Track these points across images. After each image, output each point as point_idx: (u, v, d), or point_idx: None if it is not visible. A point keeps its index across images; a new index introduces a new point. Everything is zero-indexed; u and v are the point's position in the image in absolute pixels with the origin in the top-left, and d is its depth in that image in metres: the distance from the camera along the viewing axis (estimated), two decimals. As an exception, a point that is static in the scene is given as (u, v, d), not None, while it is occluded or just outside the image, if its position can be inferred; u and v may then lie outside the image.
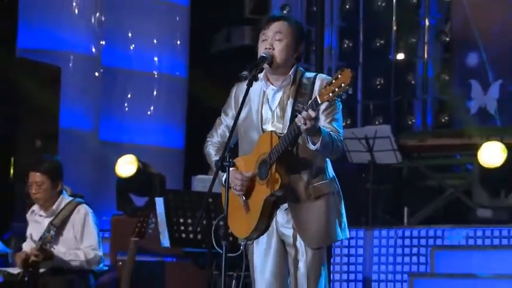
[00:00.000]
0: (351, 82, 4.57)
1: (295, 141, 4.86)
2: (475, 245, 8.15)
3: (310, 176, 4.96)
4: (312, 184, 4.96)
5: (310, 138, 4.68)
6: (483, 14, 10.85)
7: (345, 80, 4.57)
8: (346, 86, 4.57)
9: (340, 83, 4.59)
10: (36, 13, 10.08)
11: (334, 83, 4.63)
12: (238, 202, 5.05)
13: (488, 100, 10.51)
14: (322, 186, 4.98)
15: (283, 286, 5.10)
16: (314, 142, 4.67)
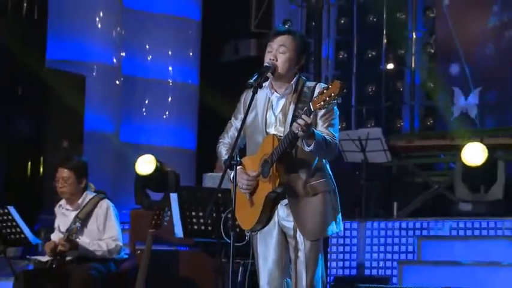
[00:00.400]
0: (340, 92, 4.57)
1: (293, 144, 4.86)
2: (458, 236, 8.15)
3: (308, 175, 4.96)
4: (310, 182, 4.95)
5: (305, 141, 4.70)
6: (464, 28, 10.84)
7: (335, 91, 4.58)
8: (336, 96, 4.58)
9: (331, 93, 4.59)
10: (64, 28, 10.05)
11: (325, 92, 4.64)
12: (244, 197, 5.05)
13: (469, 105, 10.50)
14: (319, 185, 4.98)
15: (284, 273, 5.09)
16: (308, 144, 4.70)
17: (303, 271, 4.98)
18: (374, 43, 11.56)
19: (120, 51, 10.31)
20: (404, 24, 11.41)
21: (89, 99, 9.83)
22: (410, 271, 7.75)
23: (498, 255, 7.72)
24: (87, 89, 9.81)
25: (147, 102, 10.67)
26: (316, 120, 4.91)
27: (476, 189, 8.59)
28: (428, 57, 11.24)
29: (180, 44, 10.81)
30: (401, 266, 7.81)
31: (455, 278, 7.15)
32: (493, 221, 8.10)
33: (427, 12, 11.31)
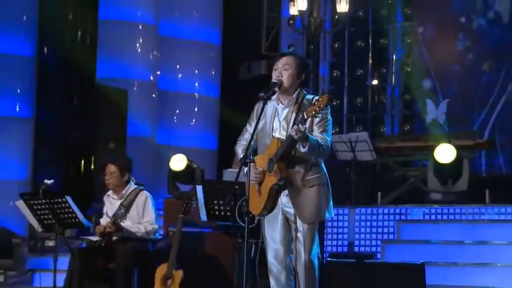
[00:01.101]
0: (328, 103, 4.67)
1: (292, 146, 4.86)
2: (430, 220, 8.14)
3: (305, 170, 4.96)
4: (307, 177, 4.96)
5: (301, 144, 4.73)
6: (435, 51, 10.83)
7: (323, 102, 4.65)
8: (324, 106, 4.66)
9: (320, 104, 4.66)
10: (110, 51, 10.06)
11: (316, 104, 4.70)
12: (254, 188, 5.06)
13: (439, 114, 10.47)
14: (314, 179, 4.98)
15: (287, 250, 5.10)
16: (303, 146, 4.73)
17: (302, 249, 4.99)
18: (362, 64, 11.52)
19: (155, 70, 10.30)
20: (386, 48, 11.37)
21: (131, 109, 9.83)
22: (391, 248, 7.73)
23: (462, 235, 7.68)
24: (129, 101, 9.81)
25: (178, 111, 10.62)
26: (312, 126, 4.93)
27: (445, 182, 8.57)
28: (406, 74, 11.19)
29: (204, 64, 10.78)
30: (384, 245, 7.79)
31: (428, 254, 7.12)
32: (458, 208, 8.08)
33: (405, 38, 11.28)
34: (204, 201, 6.71)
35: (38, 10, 9.34)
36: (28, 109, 9.22)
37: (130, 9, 10.10)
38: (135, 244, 6.73)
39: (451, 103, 10.54)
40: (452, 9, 10.67)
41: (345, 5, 10.86)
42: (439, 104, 10.57)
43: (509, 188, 9.20)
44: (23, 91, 9.18)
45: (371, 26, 11.49)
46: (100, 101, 9.76)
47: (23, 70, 9.18)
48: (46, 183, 7.04)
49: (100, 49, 10.12)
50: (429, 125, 10.44)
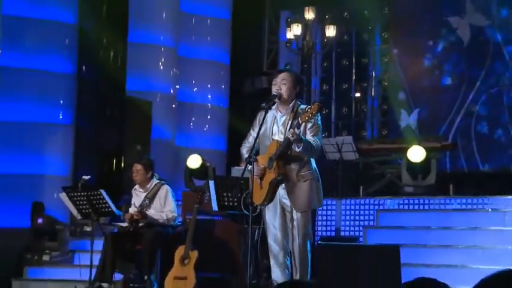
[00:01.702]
0: (318, 110, 4.83)
1: (288, 147, 4.93)
2: (403, 209, 8.11)
3: (299, 167, 5.04)
4: (300, 173, 5.04)
5: (296, 144, 4.81)
6: (407, 68, 10.83)
7: (315, 109, 4.79)
8: (316, 113, 4.82)
9: (312, 111, 4.79)
10: (137, 69, 10.05)
11: (308, 111, 4.82)
12: (257, 183, 5.10)
13: (411, 121, 10.48)
14: (307, 175, 5.06)
15: (284, 235, 5.14)
16: (298, 146, 4.82)
17: (296, 233, 5.06)
18: (346, 79, 11.51)
19: (175, 84, 10.29)
20: (367, 66, 11.39)
21: (154, 117, 9.82)
22: (371, 233, 7.70)
23: (430, 221, 7.69)
24: (153, 110, 9.80)
25: (193, 119, 10.61)
26: (306, 130, 5.00)
27: (416, 178, 8.57)
28: (383, 88, 11.20)
29: (216, 79, 10.78)
30: (365, 230, 7.78)
31: (402, 237, 7.10)
32: (427, 199, 8.07)
33: (382, 58, 11.29)
34: (215, 193, 6.74)
35: (77, 35, 9.35)
36: (69, 117, 9.19)
37: (154, 34, 10.09)
38: (158, 229, 6.76)
39: (421, 112, 10.52)
40: (421, 34, 10.67)
41: (332, 31, 10.93)
42: (411, 113, 10.55)
43: (469, 182, 9.21)
44: (65, 102, 9.16)
45: (354, 48, 11.48)
46: (129, 110, 9.77)
47: (65, 85, 9.17)
48: (84, 178, 7.05)
49: (129, 67, 10.13)
50: (403, 130, 10.42)
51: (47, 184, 8.65)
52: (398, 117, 10.63)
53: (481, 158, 10.01)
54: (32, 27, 8.83)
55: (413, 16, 10.77)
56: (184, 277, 6.48)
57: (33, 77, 8.82)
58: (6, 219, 8.29)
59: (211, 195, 6.76)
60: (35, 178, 8.72)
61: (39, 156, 8.79)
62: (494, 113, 10.00)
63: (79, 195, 6.88)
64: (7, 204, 8.37)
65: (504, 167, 9.84)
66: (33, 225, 8.27)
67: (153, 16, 10.07)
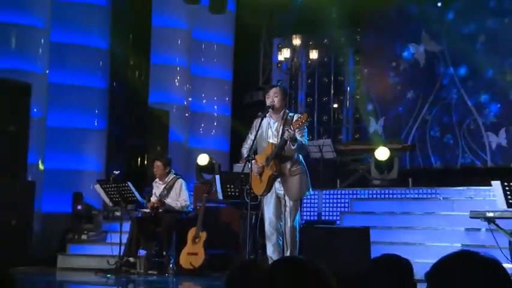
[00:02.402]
0: (307, 119, 4.91)
1: (283, 147, 5.00)
2: (372, 198, 8.11)
3: (291, 165, 5.08)
4: (292, 169, 5.08)
5: (291, 143, 4.87)
6: (375, 84, 10.83)
7: (305, 118, 4.90)
8: (305, 121, 4.90)
9: (303, 119, 4.88)
10: (158, 84, 10.03)
11: (299, 119, 4.90)
12: (256, 177, 5.14)
13: (378, 127, 10.48)
14: (297, 170, 5.10)
15: (278, 219, 5.16)
16: (293, 144, 4.87)
17: (288, 218, 5.10)
18: (326, 93, 11.48)
19: (188, 97, 10.26)
20: (343, 83, 11.37)
21: (171, 124, 9.80)
22: (346, 218, 7.73)
23: (394, 208, 7.69)
24: (170, 118, 9.79)
25: (202, 125, 10.57)
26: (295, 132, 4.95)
27: (382, 172, 8.57)
28: (356, 101, 11.20)
29: (221, 93, 10.74)
30: (341, 215, 7.79)
31: (371, 221, 7.08)
32: (391, 190, 8.06)
33: (355, 76, 11.27)
34: (220, 185, 6.77)
35: (110, 58, 9.37)
36: (103, 124, 9.20)
37: (171, 57, 10.06)
38: (174, 214, 6.79)
39: (386, 120, 10.50)
40: (386, 57, 10.67)
41: (315, 54, 10.96)
42: (378, 121, 10.55)
43: (424, 176, 9.22)
44: (99, 111, 9.16)
45: (333, 68, 11.47)
46: (150, 118, 9.79)
47: (99, 97, 9.18)
48: (114, 173, 7.05)
49: (151, 83, 10.12)
50: (371, 134, 10.41)
51: (85, 178, 8.62)
52: (368, 124, 10.62)
53: (434, 157, 10.01)
54: (74, 52, 8.83)
55: (379, 42, 10.78)
56: (196, 253, 6.53)
57: (75, 92, 8.82)
58: (53, 205, 8.30)
59: (217, 187, 6.80)
60: (76, 173, 8.70)
61: (79, 155, 8.78)
62: (444, 121, 10.00)
63: (110, 187, 6.90)
64: (53, 194, 8.36)
65: (452, 164, 9.84)
66: (74, 211, 8.29)
67: (171, 43, 10.04)
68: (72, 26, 8.81)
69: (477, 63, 9.59)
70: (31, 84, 7.72)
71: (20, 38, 7.96)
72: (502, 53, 9.40)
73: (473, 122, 9.69)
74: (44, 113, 8.30)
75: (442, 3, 9.45)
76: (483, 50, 9.56)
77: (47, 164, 8.31)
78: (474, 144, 9.65)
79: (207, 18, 10.11)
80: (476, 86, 9.68)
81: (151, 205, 6.80)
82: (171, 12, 9.93)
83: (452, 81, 9.95)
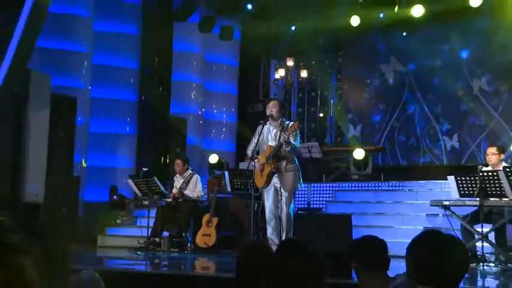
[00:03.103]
0: (298, 126, 4.96)
1: (279, 149, 4.96)
2: (352, 189, 8.07)
3: (286, 163, 5.04)
4: (287, 166, 5.04)
5: (286, 146, 4.86)
6: (353, 96, 10.76)
7: (296, 126, 4.89)
8: (297, 128, 4.92)
9: (295, 126, 4.89)
10: (177, 98, 9.99)
11: (291, 127, 4.89)
12: (258, 173, 5.10)
13: (356, 132, 10.45)
14: (291, 167, 5.07)
15: (276, 207, 5.11)
16: (287, 146, 4.86)
17: (284, 206, 5.06)
18: (314, 105, 11.42)
19: (202, 108, 10.22)
20: (327, 97, 11.31)
21: (188, 130, 9.74)
22: (330, 206, 7.72)
23: (369, 198, 7.69)
24: (187, 125, 9.73)
25: (213, 131, 10.49)
26: (290, 138, 4.96)
27: (359, 169, 8.55)
28: (338, 111, 11.15)
29: (228, 104, 10.69)
30: (327, 203, 7.78)
31: (351, 208, 7.07)
32: (366, 183, 8.06)
33: (337, 91, 11.21)
34: (229, 179, 6.71)
35: (139, 77, 9.39)
36: (133, 130, 9.22)
37: (188, 75, 10.01)
38: (191, 203, 6.74)
39: (363, 126, 10.46)
40: (362, 76, 10.65)
41: (305, 73, 10.97)
42: (356, 127, 10.51)
43: (393, 173, 9.18)
44: (130, 120, 9.18)
45: (319, 84, 11.41)
46: (171, 125, 9.73)
47: (130, 108, 9.19)
48: (143, 170, 7.06)
49: (172, 97, 10.08)
50: (350, 138, 10.36)
51: (119, 173, 8.62)
52: (347, 130, 10.59)
53: (400, 156, 10.00)
54: (110, 72, 8.84)
55: (356, 64, 10.77)
56: (209, 234, 6.50)
57: (111, 104, 8.84)
58: (94, 196, 8.31)
59: (226, 181, 6.75)
60: (112, 170, 8.71)
61: (114, 155, 8.79)
62: (409, 128, 10.00)
63: (140, 181, 6.89)
64: (95, 186, 8.37)
65: (415, 163, 9.84)
66: (110, 200, 8.30)
67: (188, 64, 10.00)
68: (109, 51, 8.84)
69: (434, 82, 9.64)
70: (76, 98, 7.74)
71: (68, 61, 7.99)
72: (454, 74, 9.43)
73: (432, 128, 9.70)
74: (87, 121, 8.33)
75: (406, 33, 9.42)
76: (439, 71, 9.58)
77: (89, 163, 8.33)
78: (433, 146, 9.65)
79: (217, 44, 10.08)
80: (434, 99, 9.71)
81: (173, 195, 6.76)
82: (188, 40, 9.92)
83: (415, 95, 9.97)
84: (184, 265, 5.75)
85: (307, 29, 9.55)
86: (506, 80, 8.94)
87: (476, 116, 9.23)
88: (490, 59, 9.04)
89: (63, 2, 7.67)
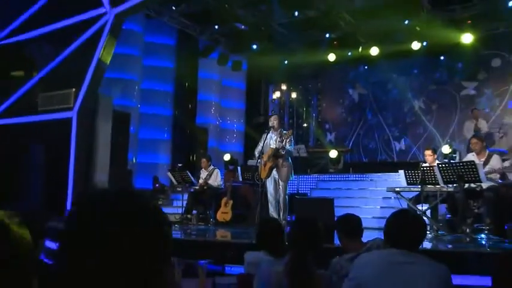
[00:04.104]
0: (291, 134, 4.91)
1: (278, 151, 4.94)
2: (329, 180, 8.05)
3: (283, 160, 4.99)
4: (283, 163, 4.99)
5: (281, 150, 4.87)
6: (329, 112, 10.73)
7: (289, 134, 4.89)
8: (290, 135, 4.88)
9: (289, 134, 4.89)
10: (202, 113, 9.98)
11: (287, 134, 4.89)
12: (263, 168, 5.05)
13: (331, 138, 10.45)
14: (286, 164, 5.01)
15: (276, 193, 5.06)
16: (283, 150, 4.87)
17: (281, 192, 5.04)
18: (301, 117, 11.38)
19: (219, 120, 10.23)
20: (311, 112, 11.21)
21: (209, 136, 9.78)
22: (314, 192, 7.64)
23: (341, 186, 7.67)
24: (208, 133, 9.76)
25: (227, 137, 10.46)
26: (286, 143, 4.97)
27: (334, 165, 8.59)
28: (318, 122, 11.08)
29: (237, 117, 10.65)
30: (311, 190, 7.72)
31: (328, 194, 7.05)
32: (340, 175, 8.02)
33: (318, 107, 11.13)
34: (240, 172, 6.70)
35: (174, 97, 9.40)
36: (169, 136, 9.26)
37: (209, 96, 10.03)
38: (213, 190, 6.72)
39: (336, 134, 10.45)
40: (336, 96, 10.66)
41: (294, 94, 10.95)
42: (331, 134, 10.52)
43: (359, 167, 9.14)
44: (167, 129, 9.24)
45: (304, 103, 11.31)
46: (197, 133, 9.74)
47: (167, 120, 9.25)
48: (178, 165, 7.13)
49: (198, 111, 10.04)
50: (327, 142, 10.37)
51: (159, 168, 8.71)
52: (325, 136, 10.58)
53: (363, 155, 10.08)
54: (153, 94, 8.93)
55: (332, 87, 10.79)
56: (226, 212, 6.45)
57: (154, 117, 8.91)
58: (142, 183, 8.34)
59: (239, 173, 6.75)
60: (154, 165, 8.77)
61: (156, 154, 8.89)
62: (369, 135, 10.09)
63: (176, 173, 6.88)
64: (142, 177, 8.43)
65: (375, 160, 9.90)
66: (153, 188, 8.31)
67: (209, 88, 10.01)
68: (152, 79, 8.95)
69: (387, 102, 9.79)
70: (130, 113, 7.86)
71: (124, 86, 8.14)
72: (401, 96, 9.57)
73: (386, 135, 9.86)
74: (137, 130, 8.46)
75: (367, 66, 9.63)
76: (391, 94, 9.75)
77: (138, 160, 8.45)
78: (387, 148, 9.80)
79: (230, 73, 10.10)
80: (387, 114, 9.86)
81: (200, 184, 6.77)
82: (209, 70, 9.97)
83: (374, 111, 10.12)
84: (208, 234, 5.81)
85: (296, 63, 9.74)
86: (436, 102, 9.30)
87: (417, 127, 9.46)
88: (426, 87, 9.37)
89: (122, 45, 7.77)
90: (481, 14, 7.19)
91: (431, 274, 1.63)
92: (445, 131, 9.12)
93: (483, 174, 4.40)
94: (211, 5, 7.79)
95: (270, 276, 1.89)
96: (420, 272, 1.62)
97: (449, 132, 9.07)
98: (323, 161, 9.36)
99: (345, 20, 8.02)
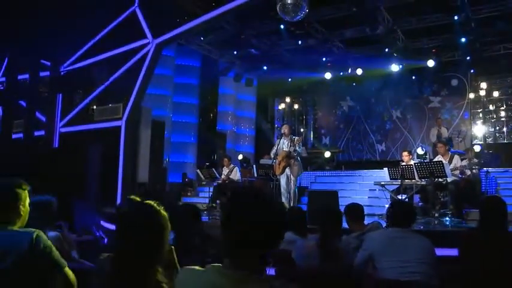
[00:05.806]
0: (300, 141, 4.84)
1: (290, 153, 4.96)
2: (325, 175, 8.05)
3: (293, 161, 5.02)
4: (294, 162, 5.02)
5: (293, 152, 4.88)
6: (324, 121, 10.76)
7: (299, 140, 4.86)
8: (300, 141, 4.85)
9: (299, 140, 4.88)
10: (221, 121, 10.04)
11: (297, 139, 4.89)
12: (277, 166, 5.10)
13: (326, 141, 10.49)
14: (296, 163, 5.04)
15: (287, 185, 5.08)
16: (295, 152, 4.88)
17: (292, 185, 5.06)
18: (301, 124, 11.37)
19: (235, 126, 10.29)
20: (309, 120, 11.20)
21: (227, 140, 9.86)
22: (313, 185, 7.66)
23: (336, 180, 7.69)
24: (227, 137, 9.86)
25: (241, 140, 10.47)
26: (295, 146, 4.99)
27: (329, 163, 8.69)
28: (315, 129, 11.04)
29: (249, 124, 10.67)
30: (311, 184, 7.71)
31: (324, 186, 7.13)
32: (334, 171, 8.12)
33: (314, 116, 11.16)
34: (256, 170, 6.48)
35: (199, 108, 9.43)
36: (195, 140, 9.31)
37: (227, 107, 10.09)
38: (234, 183, 6.67)
39: (330, 138, 10.54)
40: (330, 107, 10.71)
41: (296, 106, 10.82)
42: (326, 138, 10.57)
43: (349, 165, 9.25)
44: (194, 133, 9.28)
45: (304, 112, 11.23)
46: (217, 138, 9.81)
47: (194, 127, 9.28)
48: (206, 164, 7.25)
49: (218, 120, 10.12)
50: (322, 145, 10.42)
51: (188, 166, 8.81)
52: (321, 140, 10.61)
53: (352, 155, 10.14)
54: (183, 106, 8.97)
55: (326, 100, 10.79)
56: None
57: (183, 124, 8.94)
58: (174, 178, 8.43)
59: (254, 171, 6.56)
60: (184, 163, 8.86)
61: (185, 155, 8.96)
62: (357, 138, 10.15)
63: (204, 170, 6.96)
64: (174, 173, 8.49)
65: (362, 159, 9.95)
66: (183, 182, 8.39)
67: (227, 101, 10.05)
68: (182, 94, 9.07)
69: (371, 112, 9.92)
70: (164, 122, 8.01)
71: (160, 101, 8.26)
72: (382, 107, 9.75)
73: (370, 139, 9.99)
74: (170, 135, 8.58)
75: (355, 84, 9.84)
76: (374, 106, 9.90)
77: (171, 159, 8.57)
78: (371, 149, 9.92)
79: (244, 89, 10.19)
80: (371, 122, 9.98)
81: (223, 179, 6.80)
82: (227, 86, 10.08)
83: (360, 120, 10.23)
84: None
85: (298, 80, 9.92)
86: (410, 112, 9.56)
87: (395, 132, 9.67)
88: (402, 101, 9.64)
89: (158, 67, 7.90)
90: (443, 45, 7.98)
91: (420, 244, 1.91)
92: (417, 136, 9.38)
93: (449, 171, 4.63)
94: (230, 34, 8.00)
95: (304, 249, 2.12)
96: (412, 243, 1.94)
97: (420, 137, 9.29)
98: (320, 160, 9.41)
99: (338, 47, 8.41)
